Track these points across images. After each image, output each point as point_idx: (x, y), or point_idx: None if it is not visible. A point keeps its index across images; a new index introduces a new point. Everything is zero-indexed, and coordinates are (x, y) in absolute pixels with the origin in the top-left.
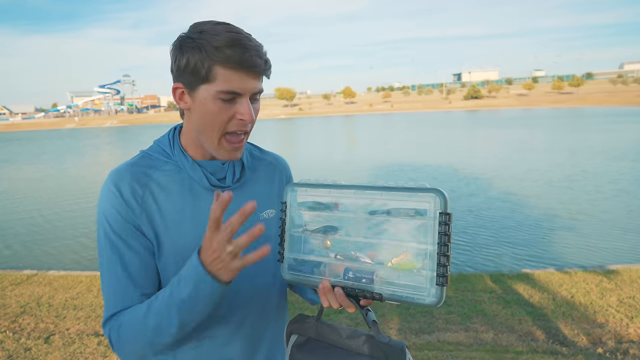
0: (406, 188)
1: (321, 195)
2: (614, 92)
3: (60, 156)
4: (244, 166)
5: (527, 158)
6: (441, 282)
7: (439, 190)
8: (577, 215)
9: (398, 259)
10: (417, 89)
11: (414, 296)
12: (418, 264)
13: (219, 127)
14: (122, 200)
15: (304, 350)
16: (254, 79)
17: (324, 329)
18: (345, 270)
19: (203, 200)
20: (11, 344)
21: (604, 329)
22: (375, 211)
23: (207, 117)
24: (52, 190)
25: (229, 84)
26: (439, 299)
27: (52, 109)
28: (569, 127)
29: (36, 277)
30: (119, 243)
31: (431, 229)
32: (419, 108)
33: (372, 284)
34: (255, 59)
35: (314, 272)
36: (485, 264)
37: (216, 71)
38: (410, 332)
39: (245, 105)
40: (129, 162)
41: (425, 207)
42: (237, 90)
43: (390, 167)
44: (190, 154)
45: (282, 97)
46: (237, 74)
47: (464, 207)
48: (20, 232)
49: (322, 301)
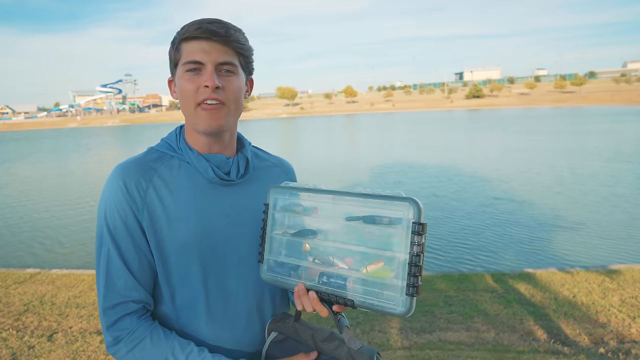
0: (382, 196)
1: (302, 199)
2: (617, 91)
3: (63, 155)
4: (248, 163)
5: (530, 157)
6: (411, 292)
7: (414, 200)
8: (579, 215)
9: (373, 266)
10: (419, 88)
11: (385, 305)
12: (391, 273)
13: (191, 98)
14: (126, 194)
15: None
16: (218, 50)
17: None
18: (320, 274)
19: (208, 193)
20: (15, 341)
21: (606, 328)
22: (352, 217)
23: (181, 94)
24: (55, 188)
25: (190, 54)
26: (408, 310)
27: (54, 109)
28: (572, 126)
29: (39, 276)
30: (118, 236)
31: (405, 238)
32: (421, 107)
33: (345, 289)
34: (214, 28)
35: (291, 274)
36: (487, 264)
37: (182, 48)
38: (411, 332)
39: (208, 72)
40: (135, 157)
41: (399, 215)
42: (198, 59)
43: (390, 167)
44: (195, 148)
45: (283, 96)
46: (198, 44)
47: (466, 206)
48: (23, 230)
49: (296, 304)
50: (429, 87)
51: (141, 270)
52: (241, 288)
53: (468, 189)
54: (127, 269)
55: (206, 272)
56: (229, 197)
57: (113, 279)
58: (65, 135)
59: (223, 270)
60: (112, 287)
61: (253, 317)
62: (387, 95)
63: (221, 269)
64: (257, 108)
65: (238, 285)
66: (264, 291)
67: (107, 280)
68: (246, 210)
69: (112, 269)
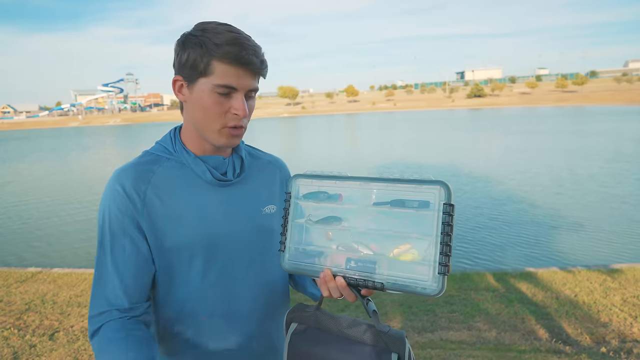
0: (411, 180)
1: (326, 186)
2: (619, 90)
3: (64, 154)
4: (243, 162)
5: (530, 157)
6: (443, 270)
7: (444, 182)
8: (581, 214)
9: (399, 249)
10: (420, 88)
11: (416, 285)
12: (420, 256)
13: (217, 120)
14: (125, 197)
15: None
16: (250, 77)
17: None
18: (347, 259)
19: (206, 193)
20: (16, 340)
21: (608, 328)
22: (379, 203)
23: (204, 110)
24: (56, 187)
25: (225, 78)
26: (441, 288)
27: (56, 108)
28: (573, 126)
29: (41, 275)
30: (115, 242)
31: (434, 219)
32: (422, 106)
33: (373, 273)
34: (252, 57)
35: (315, 262)
36: (488, 263)
37: (214, 66)
38: (412, 331)
39: (240, 100)
40: (132, 161)
41: (429, 198)
42: (233, 85)
43: (393, 166)
44: (192, 150)
45: (284, 95)
46: (234, 69)
47: (467, 205)
48: (24, 229)
49: (322, 290)
50: (431, 87)
51: (136, 276)
52: (242, 284)
53: (469, 188)
54: (118, 275)
55: (207, 269)
56: (226, 196)
57: (102, 286)
58: (67, 134)
59: (223, 268)
60: (100, 294)
61: (254, 313)
62: (388, 95)
63: (222, 266)
64: (258, 107)
65: (239, 282)
66: (265, 287)
67: (95, 287)
68: (243, 208)
69: (103, 276)
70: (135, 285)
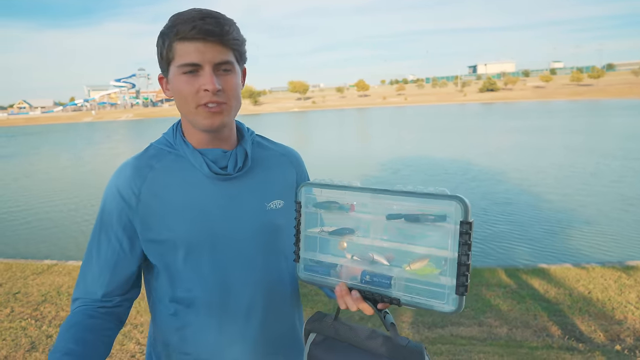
0: (426, 194)
1: (337, 196)
2: (636, 83)
3: (81, 148)
4: (248, 156)
5: (545, 152)
6: (461, 291)
7: (460, 198)
8: (595, 209)
9: (417, 264)
10: (432, 82)
11: (433, 303)
12: (437, 270)
13: (191, 101)
14: (118, 197)
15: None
16: (214, 50)
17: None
18: (363, 273)
19: (205, 188)
20: (34, 330)
21: (623, 325)
22: (393, 215)
23: (179, 95)
24: (70, 181)
25: (186, 56)
26: (459, 307)
27: (69, 103)
28: (588, 120)
29: (56, 267)
30: (102, 235)
31: (451, 235)
32: (433, 101)
33: (389, 288)
34: (210, 27)
35: (330, 273)
36: (500, 259)
37: (176, 48)
38: (423, 326)
39: (207, 76)
40: (134, 156)
41: (444, 212)
42: (195, 61)
43: (404, 162)
44: (191, 143)
45: (295, 90)
46: (193, 45)
47: (480, 200)
48: (40, 222)
49: (339, 304)
50: (442, 81)
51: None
52: (241, 281)
53: (482, 184)
54: (99, 267)
55: (204, 264)
56: (227, 191)
57: (84, 273)
58: (81, 129)
59: (222, 263)
60: (81, 281)
61: (254, 310)
62: (399, 89)
63: (220, 261)
64: (268, 102)
65: (237, 278)
66: (265, 283)
67: (80, 273)
68: (245, 203)
69: (87, 264)
70: (112, 280)
